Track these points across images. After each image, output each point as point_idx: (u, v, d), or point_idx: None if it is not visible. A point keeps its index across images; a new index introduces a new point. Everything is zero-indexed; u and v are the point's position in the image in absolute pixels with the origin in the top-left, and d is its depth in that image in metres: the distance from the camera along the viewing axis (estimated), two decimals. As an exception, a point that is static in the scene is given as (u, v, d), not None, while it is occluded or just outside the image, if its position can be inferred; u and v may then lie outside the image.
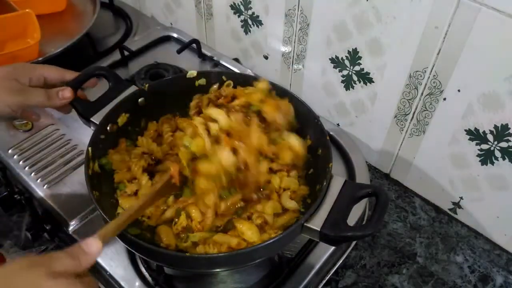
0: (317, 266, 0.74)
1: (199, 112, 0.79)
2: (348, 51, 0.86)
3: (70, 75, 0.76)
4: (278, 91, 0.79)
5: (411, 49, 0.75)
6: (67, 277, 0.49)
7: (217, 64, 1.10)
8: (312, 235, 0.61)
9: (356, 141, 0.95)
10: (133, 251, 0.68)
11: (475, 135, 0.75)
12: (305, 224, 0.60)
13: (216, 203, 0.66)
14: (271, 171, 0.72)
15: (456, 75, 0.72)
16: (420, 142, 0.85)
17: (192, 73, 0.81)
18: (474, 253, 0.84)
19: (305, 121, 0.77)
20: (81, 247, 0.53)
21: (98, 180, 0.69)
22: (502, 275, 0.81)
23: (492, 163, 0.76)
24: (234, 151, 0.66)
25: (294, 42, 0.95)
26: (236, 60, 1.12)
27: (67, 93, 0.73)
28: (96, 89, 0.79)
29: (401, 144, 0.89)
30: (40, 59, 0.98)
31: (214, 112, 0.69)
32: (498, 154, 0.75)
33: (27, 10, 1.03)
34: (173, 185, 0.67)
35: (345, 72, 0.89)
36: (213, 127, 0.67)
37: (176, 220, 0.67)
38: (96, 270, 0.75)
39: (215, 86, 0.82)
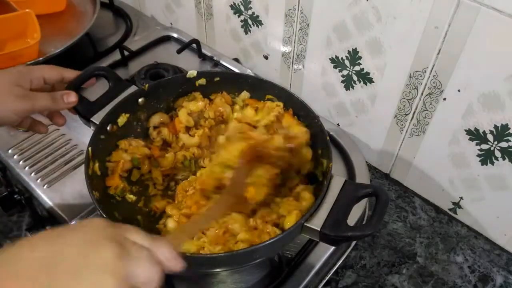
0: (317, 266, 0.74)
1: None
2: (348, 51, 0.86)
3: (69, 73, 0.75)
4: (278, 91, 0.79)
5: (411, 49, 0.75)
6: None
7: (217, 64, 1.10)
8: (312, 235, 0.61)
9: (356, 141, 0.95)
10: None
11: (475, 135, 0.75)
12: (305, 224, 0.60)
13: None
14: None
15: (456, 75, 0.72)
16: (420, 142, 0.85)
17: (192, 73, 0.81)
18: (474, 253, 0.84)
19: (305, 121, 0.77)
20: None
21: (98, 180, 0.69)
22: (502, 275, 0.81)
23: (492, 163, 0.76)
24: None
25: (294, 42, 0.95)
26: (236, 60, 1.12)
27: (72, 98, 0.72)
28: (96, 89, 0.79)
29: (401, 144, 0.89)
30: (40, 59, 0.98)
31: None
32: (498, 154, 0.75)
33: (27, 10, 1.02)
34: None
35: (345, 72, 0.89)
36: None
37: None
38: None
39: None
